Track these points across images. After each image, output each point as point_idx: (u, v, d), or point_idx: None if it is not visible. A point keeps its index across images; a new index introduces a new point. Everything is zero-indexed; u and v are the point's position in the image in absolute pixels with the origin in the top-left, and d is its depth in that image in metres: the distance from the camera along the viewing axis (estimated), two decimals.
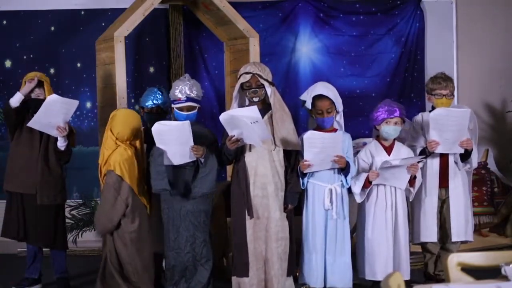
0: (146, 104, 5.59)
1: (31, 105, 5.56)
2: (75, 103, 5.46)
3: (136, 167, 5.09)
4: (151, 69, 7.28)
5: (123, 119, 5.14)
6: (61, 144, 5.50)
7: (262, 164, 5.11)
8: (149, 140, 5.47)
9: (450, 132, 5.23)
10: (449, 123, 5.22)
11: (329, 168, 5.15)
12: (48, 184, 5.55)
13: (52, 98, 5.37)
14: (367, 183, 5.17)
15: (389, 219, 5.23)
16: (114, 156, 5.03)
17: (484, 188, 6.99)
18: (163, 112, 5.66)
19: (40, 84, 5.57)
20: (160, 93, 5.65)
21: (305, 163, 5.09)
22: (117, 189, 5.00)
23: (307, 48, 7.26)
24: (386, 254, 5.21)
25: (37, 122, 5.39)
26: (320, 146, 5.05)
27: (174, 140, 4.98)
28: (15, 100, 5.47)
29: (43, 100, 5.51)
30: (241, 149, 5.11)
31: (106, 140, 5.12)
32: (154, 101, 5.60)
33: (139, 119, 5.26)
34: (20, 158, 5.57)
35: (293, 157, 5.17)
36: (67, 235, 5.85)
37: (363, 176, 5.17)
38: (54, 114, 5.36)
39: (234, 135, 4.97)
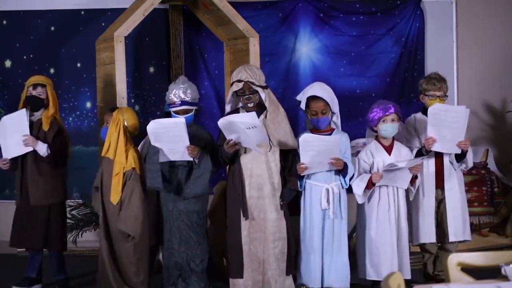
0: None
1: (30, 102, 5.58)
2: (20, 113, 5.47)
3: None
4: (151, 69, 7.28)
5: (132, 112, 5.34)
6: (41, 151, 5.49)
7: (257, 165, 5.12)
8: None
9: (447, 129, 5.21)
10: (447, 119, 5.20)
11: (326, 170, 5.15)
12: (37, 185, 5.53)
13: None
14: (370, 185, 5.17)
15: (392, 218, 5.23)
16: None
17: (484, 188, 6.99)
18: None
19: (43, 84, 5.60)
20: None
21: (301, 166, 5.09)
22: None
23: (307, 48, 7.25)
24: (391, 254, 5.20)
25: (6, 148, 5.43)
26: (317, 149, 5.04)
27: (170, 137, 4.99)
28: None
29: (42, 99, 5.56)
30: (237, 151, 5.12)
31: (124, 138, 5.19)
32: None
33: None
34: (18, 171, 5.58)
35: (290, 156, 5.17)
36: (65, 236, 5.77)
37: (366, 177, 5.16)
38: (9, 133, 5.40)
39: (232, 139, 4.98)
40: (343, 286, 5.19)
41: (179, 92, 5.17)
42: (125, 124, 5.19)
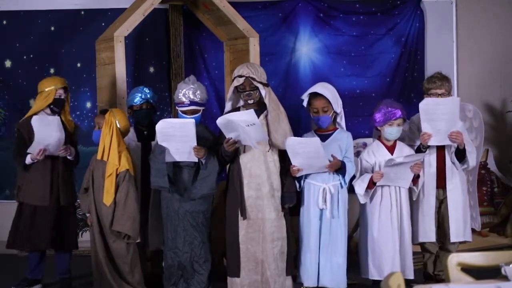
0: (135, 101, 5.60)
1: (58, 105, 5.58)
2: (53, 119, 5.44)
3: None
4: (151, 69, 7.28)
5: (123, 113, 5.33)
6: (70, 157, 5.57)
7: (256, 165, 5.12)
8: (142, 138, 5.51)
9: (441, 122, 5.21)
10: (439, 112, 5.20)
11: (319, 172, 5.13)
12: (67, 185, 5.59)
13: (34, 119, 5.36)
14: (371, 184, 5.16)
15: (395, 218, 5.23)
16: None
17: (484, 188, 6.99)
18: (152, 107, 5.67)
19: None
20: (147, 89, 5.66)
21: (294, 168, 5.09)
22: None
23: (307, 48, 7.26)
24: (393, 254, 5.20)
25: (36, 145, 5.36)
26: (302, 151, 5.02)
27: (178, 137, 4.98)
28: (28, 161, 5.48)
29: (63, 100, 5.59)
30: (237, 150, 5.12)
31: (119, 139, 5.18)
32: (143, 96, 5.60)
33: None
34: (34, 171, 5.53)
35: (288, 157, 5.17)
36: (77, 236, 5.90)
37: (367, 177, 5.16)
38: (48, 135, 5.36)
39: (231, 138, 4.98)
40: (337, 287, 5.17)
41: (189, 92, 5.16)
42: (118, 125, 5.19)
